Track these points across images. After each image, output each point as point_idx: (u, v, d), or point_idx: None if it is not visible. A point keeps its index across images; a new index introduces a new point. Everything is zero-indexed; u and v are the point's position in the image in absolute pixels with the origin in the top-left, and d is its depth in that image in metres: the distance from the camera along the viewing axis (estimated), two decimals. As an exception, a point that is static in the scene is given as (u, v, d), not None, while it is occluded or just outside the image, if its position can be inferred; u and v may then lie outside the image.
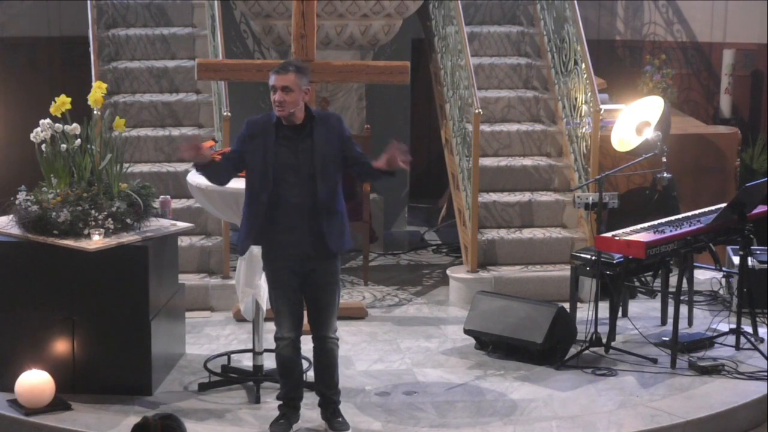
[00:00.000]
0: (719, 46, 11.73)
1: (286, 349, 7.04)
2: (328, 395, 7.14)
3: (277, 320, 7.04)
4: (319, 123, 6.88)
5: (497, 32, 11.00)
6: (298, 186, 6.81)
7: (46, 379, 7.30)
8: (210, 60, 9.54)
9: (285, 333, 7.02)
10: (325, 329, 7.02)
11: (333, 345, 7.07)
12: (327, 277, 6.95)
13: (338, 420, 7.11)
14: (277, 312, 7.02)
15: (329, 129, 6.89)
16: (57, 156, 7.60)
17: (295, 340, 7.04)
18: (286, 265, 6.90)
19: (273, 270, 6.96)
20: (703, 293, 9.46)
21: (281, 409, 7.15)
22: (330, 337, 7.04)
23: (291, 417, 7.13)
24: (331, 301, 6.99)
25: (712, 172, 10.32)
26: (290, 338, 7.02)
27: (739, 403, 7.61)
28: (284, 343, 7.03)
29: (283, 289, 6.95)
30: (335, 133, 6.90)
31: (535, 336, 8.18)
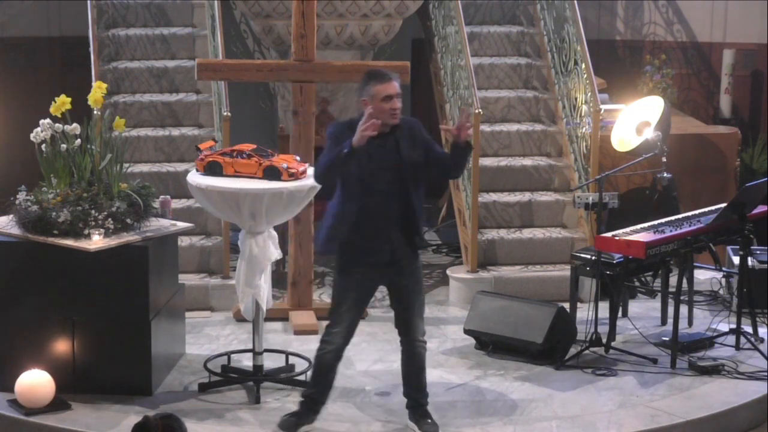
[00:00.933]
0: (719, 46, 11.74)
1: (330, 355, 7.02)
2: (416, 398, 7.13)
3: (333, 324, 7.00)
4: (404, 130, 6.89)
5: (497, 32, 11.00)
6: (385, 194, 6.82)
7: (46, 379, 7.30)
8: (210, 60, 9.54)
9: (338, 339, 6.99)
10: (414, 332, 7.01)
11: (421, 348, 7.06)
12: (414, 281, 6.98)
13: (428, 422, 7.09)
14: (338, 317, 6.98)
15: (414, 135, 6.91)
16: (57, 156, 7.60)
17: (342, 347, 7.02)
18: (367, 273, 6.90)
19: (350, 276, 6.92)
20: (703, 293, 9.46)
21: (300, 406, 7.13)
22: (419, 340, 7.04)
23: (304, 416, 7.10)
24: (421, 304, 7.02)
25: (712, 172, 10.32)
26: (339, 345, 7.00)
27: (739, 403, 7.62)
28: (331, 347, 7.00)
29: (354, 297, 6.95)
30: (419, 138, 6.92)
31: (535, 336, 8.18)
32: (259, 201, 7.35)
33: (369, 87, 6.81)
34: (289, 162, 7.56)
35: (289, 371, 7.87)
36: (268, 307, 7.71)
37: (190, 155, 9.61)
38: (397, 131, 6.86)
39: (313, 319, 8.83)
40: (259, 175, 7.50)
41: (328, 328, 7.04)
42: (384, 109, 6.77)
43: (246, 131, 10.03)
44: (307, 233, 8.90)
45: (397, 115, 6.81)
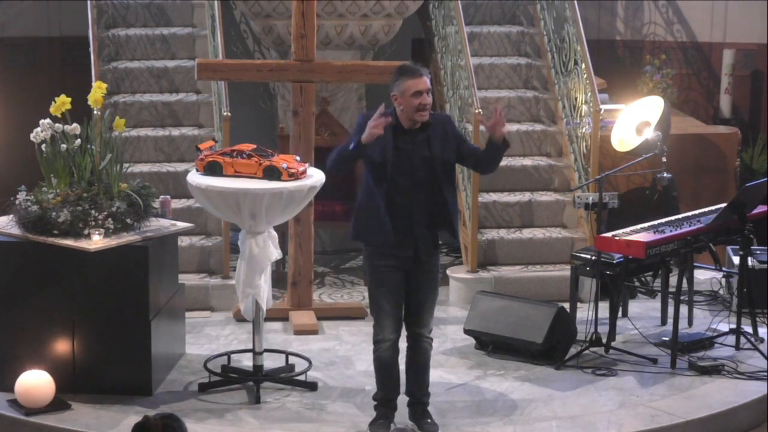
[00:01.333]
0: (719, 46, 11.73)
1: (388, 352, 7.01)
2: (418, 396, 7.13)
3: (378, 322, 6.99)
4: (436, 126, 6.89)
5: (497, 32, 11.00)
6: (413, 189, 6.83)
7: (46, 379, 7.30)
8: (210, 60, 9.54)
9: (388, 334, 6.98)
10: (423, 327, 7.03)
11: (427, 344, 7.08)
12: (433, 276, 7.01)
13: (427, 421, 7.09)
14: (381, 313, 6.97)
15: (445, 131, 6.91)
16: (57, 156, 7.60)
17: (396, 341, 7.02)
18: (395, 265, 6.91)
19: (381, 270, 6.93)
20: (703, 293, 9.46)
21: (378, 410, 7.11)
22: (426, 336, 7.05)
23: (390, 416, 7.11)
24: (434, 300, 7.04)
25: (712, 172, 10.32)
26: (392, 340, 6.99)
27: (739, 403, 7.61)
28: (387, 345, 6.99)
29: (389, 290, 6.94)
30: (451, 135, 6.93)
31: (535, 336, 8.18)
32: (259, 201, 7.35)
33: (399, 82, 6.83)
34: (289, 162, 7.56)
35: (289, 371, 7.87)
36: (268, 307, 7.71)
37: (190, 155, 9.61)
38: (429, 127, 6.87)
39: (313, 319, 8.84)
40: (259, 175, 7.50)
41: (375, 327, 7.02)
42: (413, 104, 6.78)
43: (246, 131, 10.03)
44: (307, 233, 8.90)
45: (426, 111, 6.81)
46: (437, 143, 6.85)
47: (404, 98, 6.79)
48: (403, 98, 6.80)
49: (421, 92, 6.77)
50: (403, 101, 6.80)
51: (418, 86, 6.77)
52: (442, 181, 6.84)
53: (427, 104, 6.79)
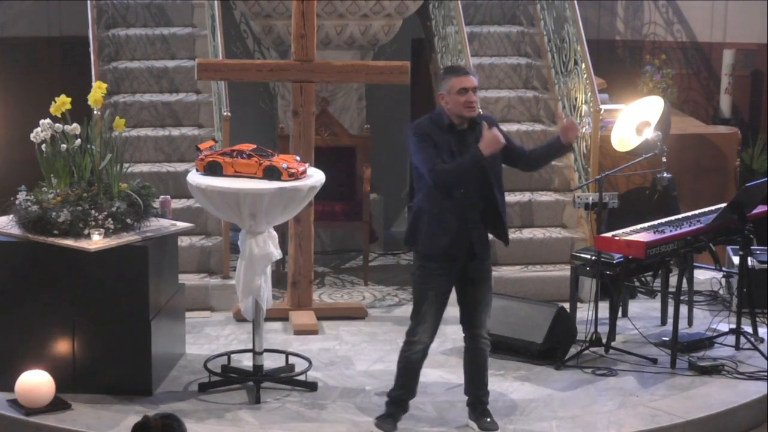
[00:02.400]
0: (719, 46, 11.73)
1: (418, 354, 7.05)
2: (478, 395, 7.18)
3: (417, 325, 7.02)
4: (482, 125, 6.92)
5: (497, 32, 11.00)
6: (469, 189, 6.88)
7: (46, 379, 7.30)
8: (210, 60, 9.54)
9: (424, 338, 7.02)
10: (480, 327, 7.09)
11: (485, 344, 7.14)
12: (486, 276, 7.07)
13: (487, 420, 7.14)
14: (423, 315, 7.00)
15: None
16: (57, 156, 7.60)
17: (428, 346, 7.07)
18: (445, 267, 6.94)
19: (431, 273, 6.95)
20: (703, 293, 9.46)
21: (389, 407, 7.15)
22: (484, 336, 7.11)
23: (398, 415, 7.15)
24: (489, 301, 7.11)
25: (712, 172, 10.32)
26: (426, 344, 7.04)
27: (739, 403, 7.62)
28: (419, 347, 7.04)
29: (436, 294, 6.98)
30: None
31: (535, 336, 8.18)
32: (259, 201, 7.35)
33: (445, 80, 6.92)
34: (289, 162, 7.56)
35: (289, 371, 7.87)
36: (268, 307, 7.71)
37: (190, 155, 9.61)
38: (477, 128, 6.91)
39: (313, 319, 8.83)
40: (259, 175, 7.50)
41: (412, 327, 7.04)
42: (459, 101, 6.85)
43: (246, 131, 10.03)
44: (307, 233, 8.90)
45: (473, 108, 6.87)
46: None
47: (450, 96, 6.87)
48: (450, 96, 6.88)
49: (466, 89, 6.86)
50: (450, 99, 6.88)
51: (464, 83, 6.86)
52: (491, 182, 6.91)
53: (473, 101, 6.86)
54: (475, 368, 7.16)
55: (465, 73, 6.93)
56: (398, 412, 7.14)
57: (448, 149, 6.85)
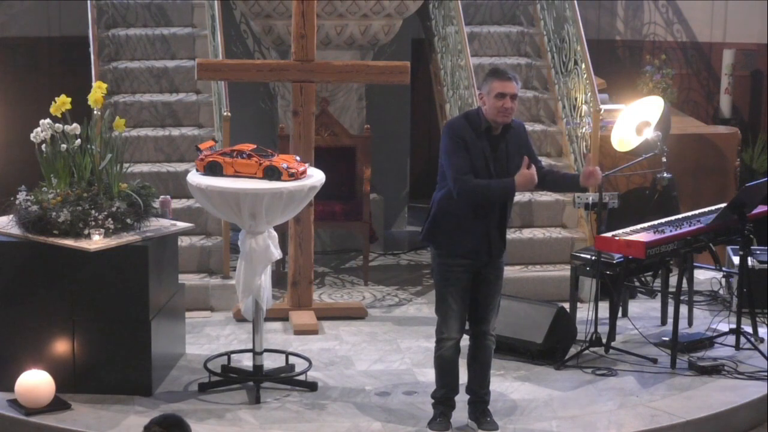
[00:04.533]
0: (719, 46, 11.73)
1: (451, 350, 7.08)
2: (480, 394, 7.19)
3: (444, 321, 7.05)
4: (511, 132, 6.96)
5: (497, 32, 11.00)
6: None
7: (46, 379, 7.30)
8: (210, 60, 9.54)
9: (453, 333, 7.05)
10: (487, 325, 7.10)
11: (491, 342, 7.15)
12: (498, 275, 7.08)
13: (487, 420, 7.15)
14: (448, 312, 7.03)
15: (519, 137, 7.00)
16: (57, 156, 7.60)
17: (459, 341, 7.10)
18: (467, 265, 6.97)
19: (452, 270, 6.99)
20: (703, 293, 9.46)
21: (437, 408, 7.18)
22: (490, 334, 7.13)
23: (449, 414, 7.18)
24: (497, 300, 7.12)
25: (712, 172, 10.32)
26: (456, 339, 7.07)
27: (739, 403, 7.62)
28: (450, 343, 7.07)
29: (458, 290, 7.00)
30: (524, 141, 7.02)
31: (535, 336, 8.18)
32: (259, 201, 7.35)
33: (487, 82, 6.92)
34: (289, 162, 7.56)
35: (289, 371, 7.87)
36: (268, 307, 7.71)
37: (190, 155, 9.61)
38: (509, 134, 6.94)
39: (313, 319, 8.83)
40: (259, 175, 7.50)
41: (440, 325, 7.08)
42: (496, 105, 6.85)
43: (246, 131, 10.03)
44: (307, 233, 8.90)
45: (508, 115, 6.88)
46: (512, 151, 6.94)
47: (489, 98, 6.88)
48: (488, 98, 6.88)
49: (504, 95, 6.85)
50: (488, 101, 6.89)
51: (504, 89, 6.85)
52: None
53: (509, 108, 6.86)
54: (478, 366, 7.17)
55: (508, 78, 6.90)
56: (447, 411, 7.19)
57: (482, 154, 6.87)
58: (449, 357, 7.10)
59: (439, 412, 7.17)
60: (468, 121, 6.95)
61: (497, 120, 6.87)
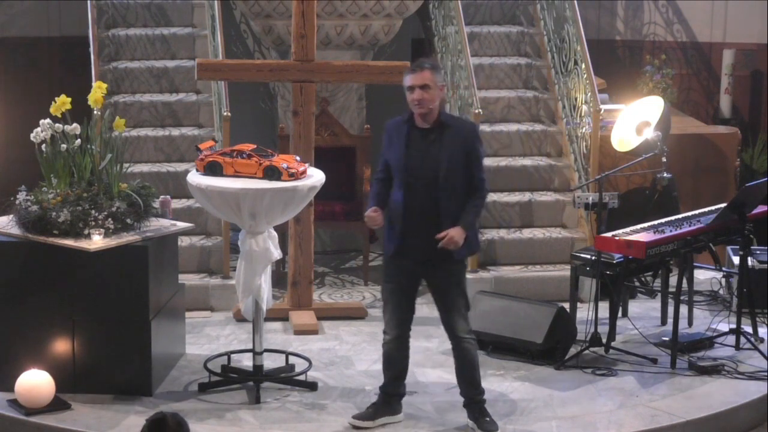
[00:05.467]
0: (719, 46, 11.73)
1: (388, 346, 7.12)
2: (471, 396, 7.15)
3: (384, 316, 7.11)
4: (451, 129, 6.88)
5: (497, 32, 11.00)
6: (422, 190, 6.84)
7: (46, 379, 7.30)
8: (210, 60, 9.54)
9: (389, 330, 7.10)
10: (457, 330, 7.04)
11: (468, 345, 7.07)
12: (449, 281, 6.98)
13: (486, 420, 7.11)
14: (385, 308, 7.09)
15: (460, 136, 6.88)
16: (57, 156, 7.60)
17: (396, 338, 7.08)
18: (404, 264, 6.95)
19: (389, 266, 7.01)
20: (703, 293, 9.46)
21: (378, 398, 7.22)
22: (463, 337, 7.05)
23: (379, 408, 7.17)
24: (456, 304, 7.01)
25: (712, 172, 10.32)
26: (393, 336, 7.08)
27: (739, 403, 7.62)
28: (387, 338, 7.11)
29: (393, 287, 7.01)
30: (466, 143, 6.89)
31: (535, 336, 8.18)
32: (259, 201, 7.35)
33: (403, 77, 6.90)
34: (289, 162, 7.56)
35: (289, 371, 7.87)
36: (268, 307, 7.71)
37: (190, 155, 9.61)
38: (445, 129, 6.87)
39: (313, 319, 8.83)
40: (259, 175, 7.50)
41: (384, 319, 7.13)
42: (409, 99, 6.86)
43: (246, 131, 10.03)
44: (307, 233, 8.90)
45: (422, 105, 6.81)
46: (448, 144, 6.84)
47: (406, 93, 6.87)
48: (406, 93, 6.87)
49: (413, 87, 6.79)
50: (407, 96, 6.87)
51: (412, 81, 6.82)
52: (440, 184, 6.83)
53: (421, 99, 6.79)
54: (464, 370, 7.13)
55: (415, 69, 6.84)
56: (381, 405, 7.17)
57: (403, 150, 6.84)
58: (387, 353, 7.12)
59: (373, 402, 7.20)
60: (400, 117, 6.98)
61: (415, 112, 6.84)
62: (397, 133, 6.94)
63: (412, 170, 6.86)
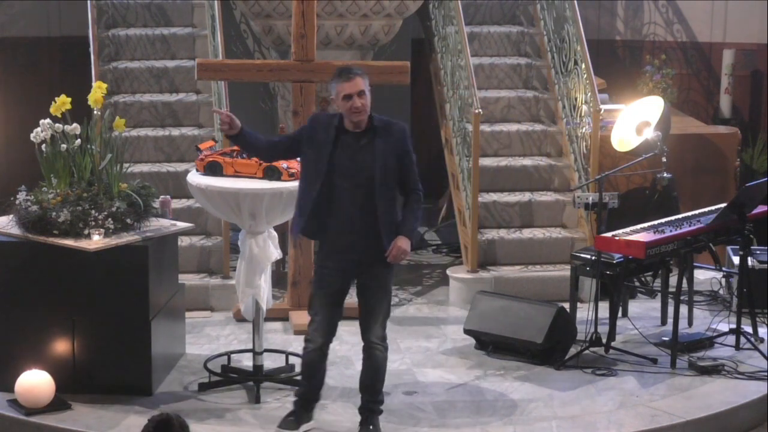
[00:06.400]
0: (719, 46, 11.74)
1: (313, 353, 6.99)
2: (366, 400, 7.06)
3: (312, 322, 6.99)
4: (382, 131, 6.84)
5: (497, 32, 11.00)
6: (353, 192, 6.76)
7: (46, 379, 7.30)
8: (210, 60, 9.54)
9: (316, 337, 6.97)
10: (371, 334, 6.95)
11: (378, 352, 6.97)
12: (376, 283, 6.91)
13: (369, 428, 7.01)
14: (315, 314, 6.97)
15: (391, 139, 6.84)
16: (57, 156, 7.60)
17: (323, 345, 6.99)
18: (335, 267, 6.88)
19: (323, 272, 6.93)
20: (703, 293, 9.46)
21: (294, 405, 7.12)
22: (376, 343, 6.96)
23: (302, 416, 7.09)
24: (379, 308, 6.93)
25: (712, 172, 10.32)
26: (320, 343, 6.97)
27: (739, 403, 7.62)
28: (313, 346, 6.98)
29: (324, 292, 6.93)
30: (398, 144, 6.85)
31: (535, 336, 8.18)
32: (259, 201, 7.35)
33: (333, 85, 6.82)
34: (289, 162, 7.56)
35: (289, 371, 7.87)
36: (268, 307, 7.71)
37: (190, 155, 9.61)
38: (376, 132, 6.81)
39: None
40: (259, 175, 7.50)
41: (309, 326, 7.02)
42: (345, 107, 6.76)
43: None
44: (307, 233, 8.89)
45: (360, 112, 6.75)
46: (380, 146, 6.78)
47: (338, 101, 6.79)
48: (337, 101, 6.79)
49: (350, 96, 6.73)
50: (338, 104, 6.80)
51: (349, 89, 6.74)
52: (374, 188, 6.76)
53: (358, 107, 6.73)
54: (370, 375, 7.01)
55: (350, 77, 6.76)
56: (301, 411, 7.08)
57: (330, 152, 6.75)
58: (310, 361, 7.00)
59: (293, 410, 7.10)
60: (330, 117, 6.88)
61: (352, 119, 6.77)
62: (325, 132, 6.81)
63: (340, 172, 6.75)
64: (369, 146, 6.79)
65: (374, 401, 7.04)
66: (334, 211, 6.78)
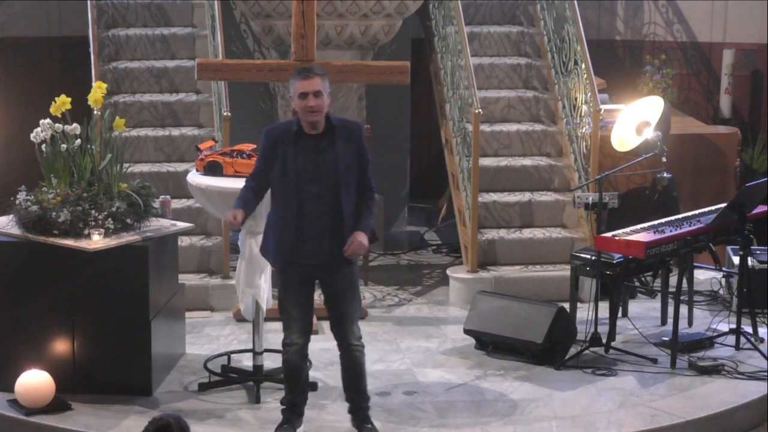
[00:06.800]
0: (719, 46, 11.74)
1: (295, 356, 6.99)
2: (356, 402, 7.07)
3: (286, 325, 6.98)
4: (341, 131, 6.81)
5: (497, 32, 11.00)
6: (318, 196, 6.74)
7: (46, 379, 7.30)
8: (210, 60, 9.54)
9: (296, 339, 6.96)
10: (348, 337, 6.95)
11: (357, 352, 6.99)
12: (345, 285, 6.90)
13: (367, 426, 7.04)
14: (287, 317, 6.96)
15: (350, 138, 6.82)
16: (57, 156, 7.60)
17: (303, 346, 6.99)
18: (302, 270, 6.86)
19: (287, 274, 6.91)
20: (703, 293, 9.46)
21: (285, 414, 7.10)
22: (353, 344, 6.97)
23: (295, 422, 7.09)
24: (351, 308, 6.94)
25: (712, 172, 10.32)
26: (299, 344, 6.97)
27: (739, 403, 7.62)
28: (293, 348, 6.97)
29: (294, 294, 6.90)
30: (356, 143, 6.84)
31: (535, 336, 8.18)
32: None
33: (291, 84, 6.80)
34: (289, 162, 7.55)
35: (289, 371, 7.86)
36: (268, 307, 7.71)
37: (190, 155, 9.61)
38: (335, 132, 6.78)
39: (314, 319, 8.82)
40: (259, 175, 7.49)
41: (284, 330, 7.01)
42: (300, 105, 6.72)
43: (246, 131, 10.03)
44: (307, 233, 8.88)
45: (315, 111, 6.71)
46: (341, 146, 6.76)
47: (294, 100, 6.76)
48: (294, 100, 6.76)
49: (306, 94, 6.69)
50: (295, 103, 6.77)
51: (304, 87, 6.70)
52: (340, 188, 6.74)
53: (314, 106, 6.70)
54: (350, 375, 7.02)
55: (308, 76, 6.73)
56: (293, 417, 7.07)
57: (293, 159, 6.71)
58: (293, 362, 6.99)
59: (285, 418, 7.07)
60: (288, 124, 6.84)
61: (307, 119, 6.73)
62: (283, 141, 6.76)
63: (306, 177, 6.73)
64: (330, 147, 6.77)
65: (364, 400, 7.08)
66: (300, 215, 6.76)
